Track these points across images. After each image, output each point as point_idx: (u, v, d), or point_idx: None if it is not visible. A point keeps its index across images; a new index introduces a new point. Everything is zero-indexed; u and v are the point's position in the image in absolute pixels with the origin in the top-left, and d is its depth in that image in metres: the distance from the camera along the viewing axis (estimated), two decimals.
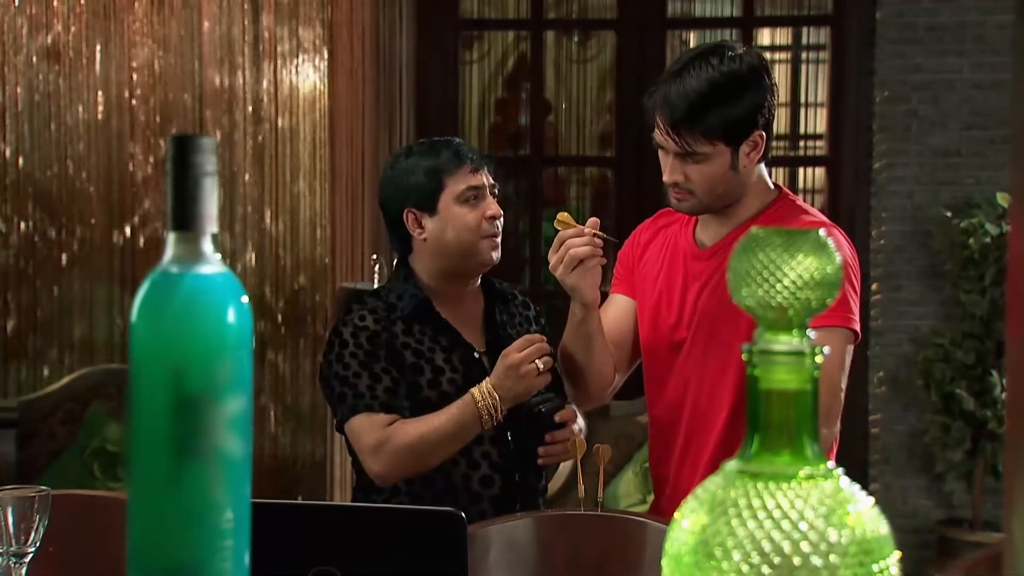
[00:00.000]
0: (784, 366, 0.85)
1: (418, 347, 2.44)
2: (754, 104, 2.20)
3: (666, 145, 2.22)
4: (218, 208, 0.94)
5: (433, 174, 2.44)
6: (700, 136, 2.18)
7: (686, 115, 2.17)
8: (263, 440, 4.44)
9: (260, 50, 4.47)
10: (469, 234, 2.43)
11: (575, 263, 2.22)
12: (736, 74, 2.19)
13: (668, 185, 2.25)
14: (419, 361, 2.43)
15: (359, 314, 2.44)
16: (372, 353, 2.39)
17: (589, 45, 6.02)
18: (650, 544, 2.11)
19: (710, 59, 2.20)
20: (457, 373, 2.44)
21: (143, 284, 0.92)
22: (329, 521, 1.68)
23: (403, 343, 2.43)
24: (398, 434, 2.33)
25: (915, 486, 4.83)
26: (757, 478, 0.83)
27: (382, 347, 2.40)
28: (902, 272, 4.84)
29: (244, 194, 4.48)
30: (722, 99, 2.17)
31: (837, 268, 0.85)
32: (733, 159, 2.20)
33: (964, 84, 4.80)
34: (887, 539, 0.84)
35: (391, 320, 2.44)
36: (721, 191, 2.23)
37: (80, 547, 2.05)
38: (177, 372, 0.89)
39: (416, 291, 2.48)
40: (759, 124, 2.20)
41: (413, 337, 2.45)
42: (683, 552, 0.83)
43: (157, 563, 0.90)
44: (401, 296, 2.48)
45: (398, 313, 2.46)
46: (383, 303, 2.47)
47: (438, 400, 2.40)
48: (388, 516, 1.77)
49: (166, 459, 0.90)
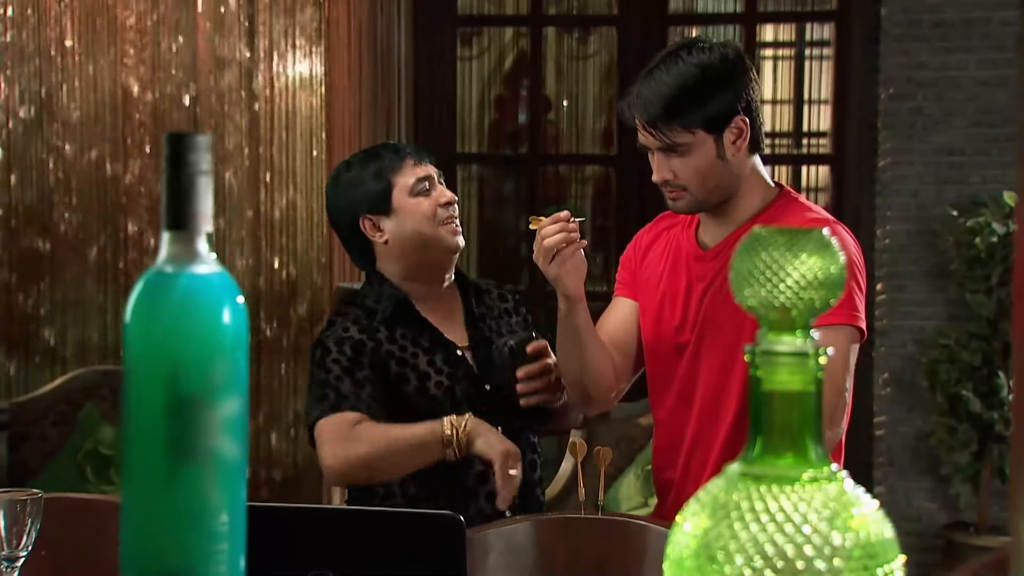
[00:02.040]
0: (787, 367, 0.85)
1: (401, 354, 2.46)
2: (730, 91, 2.21)
3: (648, 143, 2.24)
4: (213, 206, 0.94)
5: (380, 176, 2.50)
6: (678, 127, 2.19)
7: (661, 108, 2.19)
8: (258, 442, 4.44)
9: (255, 46, 4.47)
10: (427, 224, 2.47)
11: (551, 253, 2.22)
12: (708, 64, 2.21)
13: (660, 185, 2.26)
14: (403, 370, 2.44)
15: (342, 325, 2.46)
16: (356, 361, 2.41)
17: (589, 41, 6.02)
18: (651, 548, 2.11)
19: (680, 54, 2.23)
20: (442, 375, 2.46)
21: (137, 284, 0.92)
22: (325, 525, 1.68)
23: (387, 352, 2.45)
24: (362, 431, 2.34)
25: (920, 489, 4.83)
26: (760, 481, 0.84)
27: (366, 355, 2.42)
28: (907, 272, 4.84)
29: (238, 192, 4.48)
30: (695, 88, 2.19)
31: (841, 268, 0.85)
32: (718, 148, 2.21)
33: (970, 81, 4.80)
34: (892, 543, 0.84)
35: (373, 327, 2.46)
36: (713, 184, 2.23)
37: (73, 551, 2.05)
38: (172, 373, 0.89)
39: (393, 291, 2.50)
40: (739, 110, 2.21)
41: (396, 344, 2.47)
42: (685, 556, 0.83)
43: (151, 567, 0.90)
44: (379, 299, 2.50)
45: (379, 316, 2.48)
46: (362, 310, 2.49)
47: (428, 407, 2.41)
48: (385, 520, 1.77)
49: (160, 461, 0.90)
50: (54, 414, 4.30)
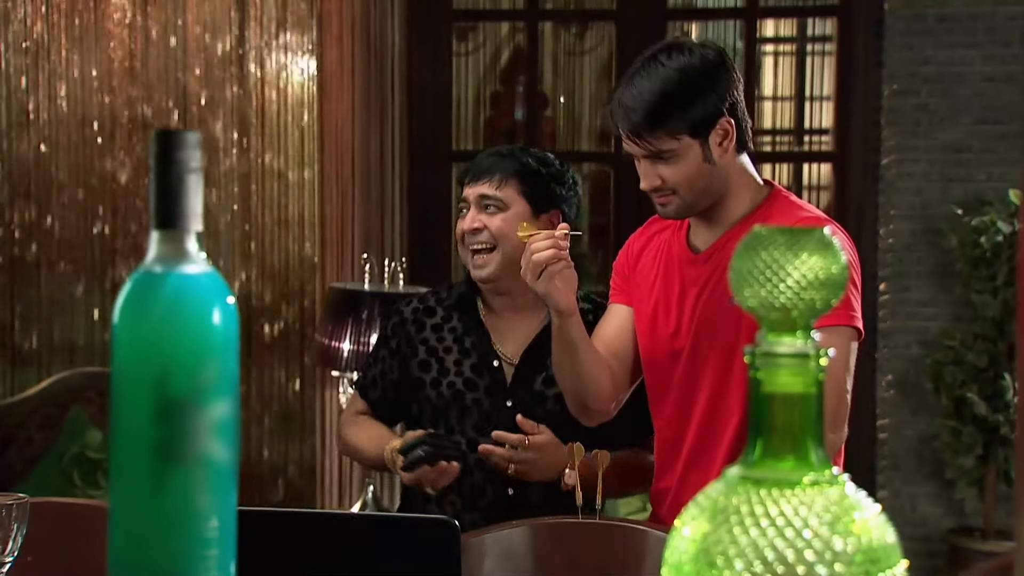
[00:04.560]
0: (788, 369, 0.85)
1: (436, 344, 2.57)
2: (712, 94, 2.20)
3: (633, 151, 2.24)
4: (202, 205, 0.94)
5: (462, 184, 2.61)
6: (663, 134, 2.19)
7: (643, 117, 2.19)
8: (249, 446, 4.43)
9: (245, 41, 4.47)
10: (461, 247, 2.57)
11: (540, 269, 2.21)
12: (688, 67, 2.20)
13: (648, 192, 2.26)
14: (429, 359, 2.56)
15: (407, 300, 2.68)
16: (385, 339, 2.65)
17: (587, 37, 6.02)
18: (650, 553, 2.11)
19: (659, 58, 2.22)
20: (461, 377, 2.48)
21: (126, 284, 0.92)
22: (319, 530, 1.68)
23: (423, 339, 2.58)
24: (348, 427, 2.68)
25: (924, 493, 4.84)
26: (760, 484, 0.84)
27: (398, 337, 2.62)
28: (911, 272, 4.84)
29: (229, 190, 4.48)
30: (677, 94, 2.18)
31: (843, 267, 0.85)
32: (705, 151, 2.21)
33: (975, 77, 4.80)
34: (894, 548, 0.84)
35: (431, 310, 2.62)
36: (702, 186, 2.23)
37: (60, 556, 2.05)
38: (161, 375, 0.90)
39: (466, 287, 2.62)
40: (723, 112, 2.21)
41: (438, 333, 2.58)
42: (684, 561, 0.84)
43: (140, 573, 0.90)
44: (451, 289, 2.67)
45: (443, 302, 2.62)
46: (435, 295, 2.67)
47: (436, 400, 2.53)
48: (380, 524, 1.77)
49: (149, 465, 0.90)
50: (40, 417, 4.30)
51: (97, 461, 4.17)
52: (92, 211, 4.52)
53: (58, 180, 4.52)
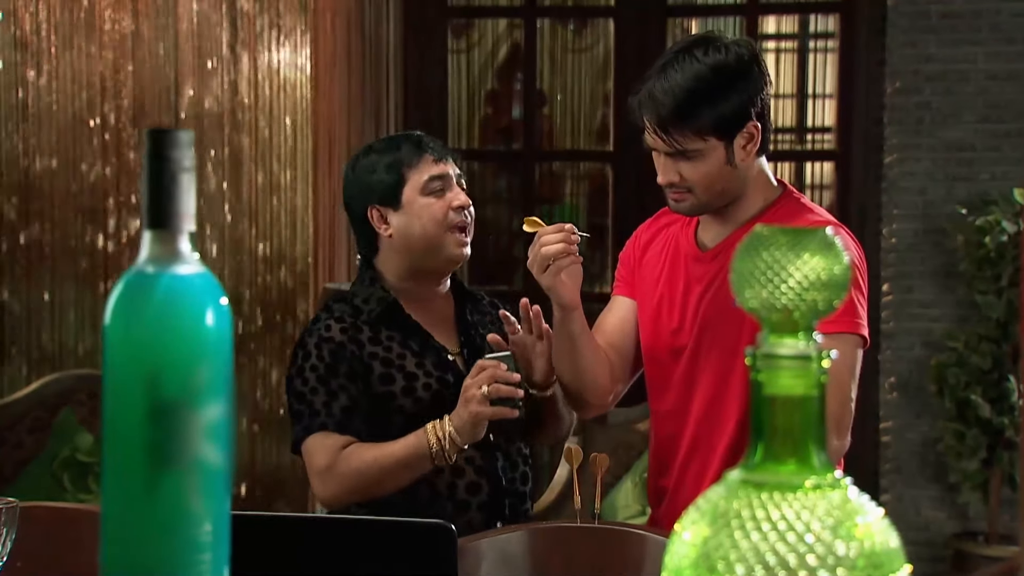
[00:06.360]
0: (789, 371, 0.85)
1: (387, 355, 2.46)
2: (745, 95, 2.19)
3: (656, 146, 2.22)
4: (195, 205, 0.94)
5: (394, 168, 2.49)
6: (690, 133, 2.17)
7: (673, 112, 2.17)
8: (242, 449, 4.43)
9: (237, 36, 4.46)
10: (435, 226, 2.47)
11: (547, 262, 2.22)
12: (723, 65, 2.19)
13: (664, 187, 2.25)
14: (389, 371, 2.45)
15: (325, 323, 2.47)
16: (332, 368, 2.42)
17: (585, 34, 6.02)
18: (649, 557, 2.12)
19: (695, 52, 2.20)
20: (431, 377, 2.46)
21: (117, 285, 0.92)
22: (313, 534, 1.68)
23: (370, 353, 2.45)
24: (350, 458, 2.36)
25: (928, 497, 4.84)
26: (761, 488, 0.84)
27: (344, 361, 2.42)
28: (914, 272, 4.85)
29: (221, 189, 4.48)
30: (710, 93, 2.17)
31: (845, 268, 0.85)
32: (728, 153, 2.20)
33: (979, 75, 4.80)
34: (897, 552, 0.84)
35: (357, 327, 2.46)
36: (720, 188, 2.23)
37: (50, 561, 2.05)
38: (153, 377, 0.90)
39: (383, 293, 2.50)
40: (752, 115, 2.20)
41: (381, 345, 2.47)
42: (684, 566, 0.84)
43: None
44: (367, 299, 2.50)
45: (364, 317, 2.48)
46: (349, 308, 2.50)
47: (413, 408, 2.42)
48: (375, 529, 1.77)
49: (141, 469, 0.90)
50: (29, 420, 4.29)
51: (88, 465, 4.17)
52: (85, 209, 4.52)
53: (49, 181, 4.52)
